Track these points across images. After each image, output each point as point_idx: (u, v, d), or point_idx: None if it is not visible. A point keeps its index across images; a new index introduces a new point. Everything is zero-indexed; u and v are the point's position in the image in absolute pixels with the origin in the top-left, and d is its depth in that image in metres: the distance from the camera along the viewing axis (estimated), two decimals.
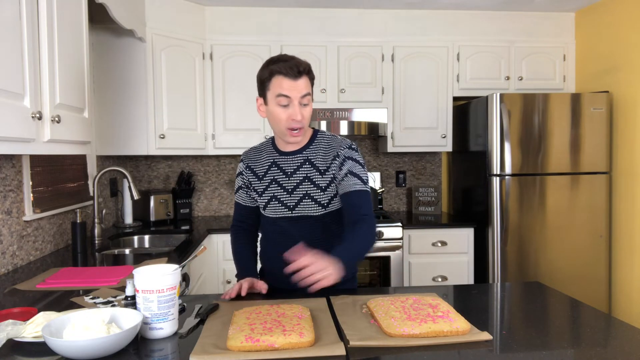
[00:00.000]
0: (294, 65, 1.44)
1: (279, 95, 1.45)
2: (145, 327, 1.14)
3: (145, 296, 1.13)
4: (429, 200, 3.67)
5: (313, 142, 1.59)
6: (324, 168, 1.54)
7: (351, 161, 1.53)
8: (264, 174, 1.61)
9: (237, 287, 1.46)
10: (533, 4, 3.31)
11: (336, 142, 1.57)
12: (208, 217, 3.59)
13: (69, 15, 1.77)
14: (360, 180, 1.52)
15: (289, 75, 1.44)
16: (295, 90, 1.45)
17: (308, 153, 1.57)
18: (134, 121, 2.94)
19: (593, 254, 3.09)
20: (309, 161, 1.56)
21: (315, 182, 1.54)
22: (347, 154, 1.54)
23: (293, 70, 1.44)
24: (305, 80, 1.47)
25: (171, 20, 3.06)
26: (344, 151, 1.54)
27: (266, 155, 1.63)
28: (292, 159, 1.58)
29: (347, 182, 1.51)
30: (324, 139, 1.59)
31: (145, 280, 1.13)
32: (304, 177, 1.55)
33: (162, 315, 1.14)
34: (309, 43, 3.31)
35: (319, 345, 1.07)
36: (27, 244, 2.09)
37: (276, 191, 1.57)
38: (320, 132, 1.62)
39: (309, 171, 1.55)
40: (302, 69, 1.45)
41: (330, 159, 1.54)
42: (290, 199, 1.56)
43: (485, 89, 3.42)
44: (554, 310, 1.35)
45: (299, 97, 1.45)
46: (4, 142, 1.37)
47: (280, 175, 1.58)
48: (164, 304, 1.14)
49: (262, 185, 1.61)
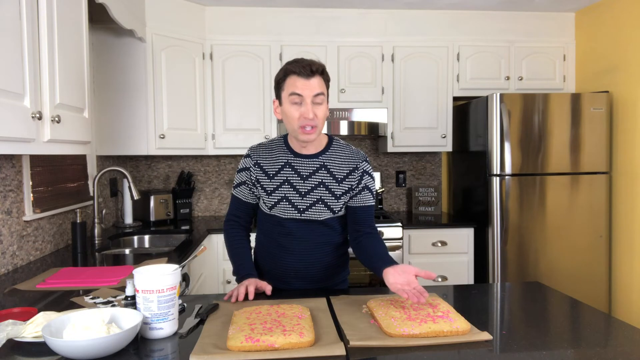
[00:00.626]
0: (307, 64, 1.47)
1: (292, 93, 1.47)
2: (145, 327, 1.14)
3: (145, 296, 1.13)
4: (429, 200, 3.67)
5: (329, 149, 1.60)
6: (340, 177, 1.58)
7: (367, 176, 1.62)
8: (275, 173, 1.58)
9: (243, 290, 1.45)
10: (533, 4, 3.31)
11: (353, 153, 1.63)
12: (208, 217, 3.59)
13: (69, 15, 1.77)
14: (372, 195, 1.64)
15: (302, 74, 1.46)
16: (307, 88, 1.46)
17: (324, 159, 1.58)
18: (134, 121, 2.94)
19: (593, 254, 3.09)
20: (325, 167, 1.57)
21: (331, 189, 1.56)
22: (365, 167, 1.62)
23: (306, 69, 1.46)
24: (319, 80, 1.48)
25: (171, 20, 3.06)
26: (362, 164, 1.61)
27: (279, 155, 1.60)
28: (308, 162, 1.58)
29: (363, 196, 1.61)
30: (340, 147, 1.63)
31: (145, 280, 1.13)
32: (319, 182, 1.56)
33: (162, 315, 1.14)
34: (309, 43, 3.31)
35: (319, 345, 1.07)
36: (27, 244, 2.09)
37: (288, 192, 1.56)
38: (335, 139, 1.65)
39: (325, 177, 1.57)
40: (315, 68, 1.47)
41: (349, 170, 1.59)
42: (302, 201, 1.56)
43: (485, 89, 3.42)
44: (554, 310, 1.35)
45: (311, 96, 1.46)
46: (4, 142, 1.37)
47: (294, 177, 1.57)
48: (164, 304, 1.14)
49: (272, 184, 1.58)
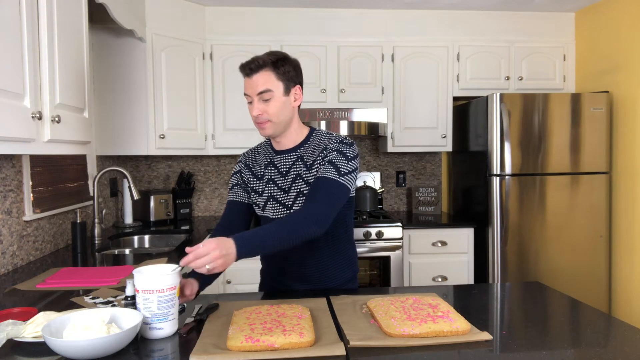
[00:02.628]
0: (249, 62, 1.46)
1: (244, 94, 1.50)
2: (145, 327, 1.14)
3: (145, 296, 1.13)
4: (429, 200, 3.67)
5: (308, 140, 1.57)
6: (310, 162, 1.52)
7: (336, 153, 1.47)
8: (262, 174, 1.60)
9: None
10: (533, 4, 3.31)
11: (329, 137, 1.54)
12: (208, 217, 3.59)
13: (69, 15, 1.77)
14: (335, 170, 1.44)
15: (245, 74, 1.47)
16: (250, 87, 1.46)
17: (302, 151, 1.56)
18: (133, 121, 2.94)
19: (593, 254, 3.09)
20: (301, 158, 1.54)
21: (305, 179, 1.52)
22: (335, 147, 1.49)
23: (246, 68, 1.46)
24: (263, 75, 1.44)
25: (171, 20, 3.06)
26: (332, 145, 1.49)
27: (263, 156, 1.63)
28: (286, 158, 1.57)
29: (322, 169, 1.45)
30: (319, 136, 1.57)
31: (145, 280, 1.13)
32: (296, 175, 1.54)
33: (162, 315, 1.14)
34: (309, 43, 3.31)
35: (319, 345, 1.07)
36: (27, 244, 2.09)
37: (273, 191, 1.56)
38: (316, 130, 1.60)
39: (300, 169, 1.53)
40: (255, 65, 1.44)
41: (318, 152, 1.51)
42: (287, 197, 1.54)
43: (485, 89, 3.42)
44: (554, 310, 1.35)
45: (255, 94, 1.46)
46: (4, 142, 1.37)
47: (275, 174, 1.57)
48: (164, 304, 1.14)
49: (260, 185, 1.60)
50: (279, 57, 1.47)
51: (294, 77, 1.50)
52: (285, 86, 1.48)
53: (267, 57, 1.46)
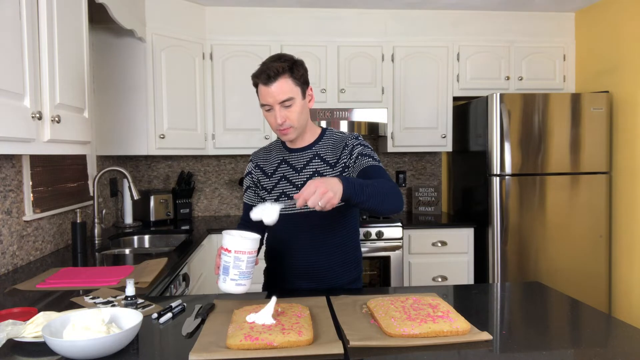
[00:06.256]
0: (265, 70, 1.44)
1: (262, 104, 1.49)
2: (232, 282, 1.28)
3: (237, 256, 1.28)
4: (429, 200, 3.67)
5: (322, 139, 1.61)
6: (334, 161, 1.56)
7: (360, 146, 1.56)
8: (273, 171, 1.62)
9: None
10: (533, 4, 3.31)
11: (344, 135, 1.60)
12: (208, 217, 3.59)
13: (69, 15, 1.77)
14: (372, 158, 1.53)
15: (263, 83, 1.45)
16: (270, 96, 1.45)
17: (317, 148, 1.59)
18: (134, 121, 2.94)
19: (593, 253, 3.09)
20: (319, 156, 1.58)
21: (325, 176, 1.54)
22: (355, 142, 1.56)
23: (263, 76, 1.44)
24: (282, 83, 1.44)
25: (171, 20, 3.06)
26: (352, 140, 1.57)
27: (275, 154, 1.65)
28: (301, 155, 1.59)
29: (360, 162, 1.52)
30: (333, 135, 1.62)
31: (240, 242, 1.28)
32: (313, 172, 1.56)
33: (247, 273, 1.29)
34: (309, 43, 3.31)
35: (318, 344, 1.07)
36: (27, 244, 2.09)
37: (285, 187, 1.58)
38: (329, 129, 1.65)
39: (318, 166, 1.57)
40: (273, 73, 1.43)
41: (340, 150, 1.56)
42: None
43: (485, 89, 3.42)
44: (554, 310, 1.35)
45: (276, 103, 1.45)
46: (4, 142, 1.37)
47: (289, 171, 1.59)
48: (250, 263, 1.29)
49: (271, 182, 1.62)
50: (292, 62, 1.48)
51: (307, 79, 1.53)
52: (302, 90, 1.50)
53: (282, 64, 1.45)
